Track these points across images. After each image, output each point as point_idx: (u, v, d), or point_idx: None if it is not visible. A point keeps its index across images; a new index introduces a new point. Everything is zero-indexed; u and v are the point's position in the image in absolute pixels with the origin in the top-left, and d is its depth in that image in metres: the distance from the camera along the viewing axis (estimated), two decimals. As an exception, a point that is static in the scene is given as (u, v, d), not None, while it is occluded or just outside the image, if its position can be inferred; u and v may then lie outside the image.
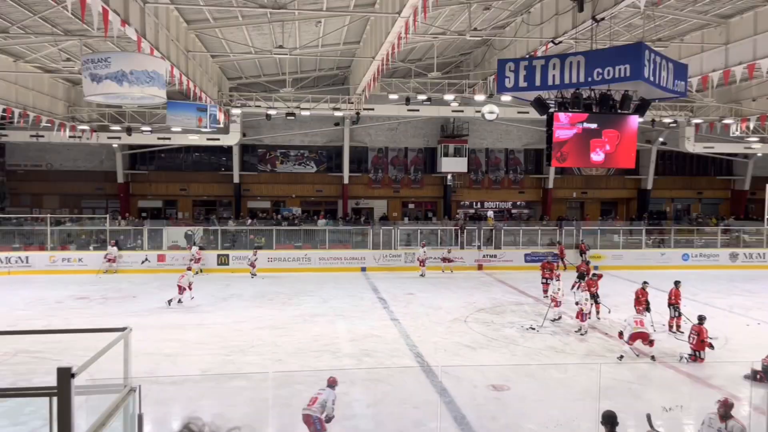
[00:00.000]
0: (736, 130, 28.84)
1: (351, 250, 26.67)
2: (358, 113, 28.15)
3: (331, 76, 29.05)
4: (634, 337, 12.86)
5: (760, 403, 9.26)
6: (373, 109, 28.67)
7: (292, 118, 26.68)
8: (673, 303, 15.62)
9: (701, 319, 13.01)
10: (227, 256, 25.41)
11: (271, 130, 32.81)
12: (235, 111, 27.63)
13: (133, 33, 12.90)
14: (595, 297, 16.56)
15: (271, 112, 26.60)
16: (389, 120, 33.02)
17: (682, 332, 14.89)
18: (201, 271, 24.01)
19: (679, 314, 15.49)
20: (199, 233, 27.73)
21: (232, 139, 30.38)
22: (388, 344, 14.21)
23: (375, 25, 17.93)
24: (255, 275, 23.37)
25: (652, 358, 12.84)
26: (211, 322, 16.27)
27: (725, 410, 6.82)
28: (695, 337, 12.73)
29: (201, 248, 25.48)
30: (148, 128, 27.74)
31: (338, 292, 20.71)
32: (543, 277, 19.93)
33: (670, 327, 15.44)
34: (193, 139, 29.75)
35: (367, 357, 13.17)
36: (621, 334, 13.31)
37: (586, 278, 17.38)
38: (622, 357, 12.94)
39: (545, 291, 19.39)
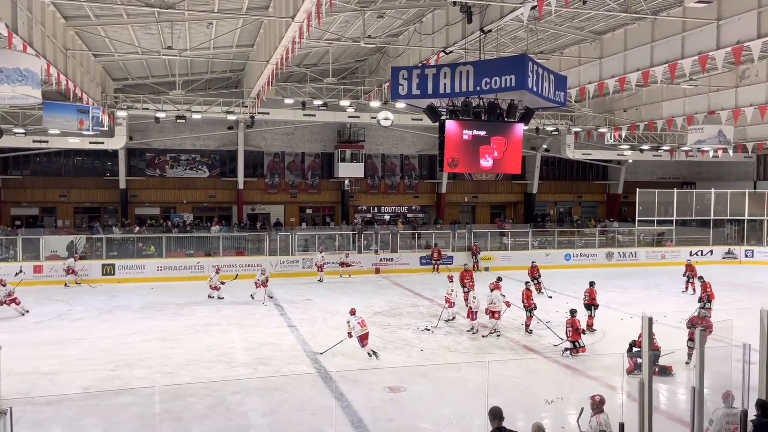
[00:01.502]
0: (610, 138, 31.18)
1: (247, 257, 26.10)
2: (252, 117, 27.65)
3: (224, 79, 28.33)
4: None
5: (632, 390, 10.01)
6: (268, 113, 28.26)
7: (183, 121, 25.76)
8: (588, 303, 16.43)
9: (573, 312, 13.90)
10: (113, 265, 24.05)
11: (161, 133, 31.46)
12: (121, 113, 26.25)
13: (3, 28, 11.95)
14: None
15: (160, 114, 25.52)
16: (285, 124, 32.67)
17: (594, 330, 15.87)
18: (78, 283, 22.60)
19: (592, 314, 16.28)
20: (81, 242, 26.04)
21: (117, 142, 28.75)
22: (284, 351, 14.04)
23: (269, 28, 17.71)
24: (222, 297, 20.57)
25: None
26: (95, 336, 15.33)
27: (597, 405, 7.26)
28: (570, 329, 13.59)
29: (82, 257, 23.98)
30: (22, 130, 25.71)
31: (233, 301, 20.18)
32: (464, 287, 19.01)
33: (589, 327, 15.87)
34: (74, 143, 27.85)
35: (263, 365, 12.94)
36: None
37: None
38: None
39: (466, 299, 18.17)
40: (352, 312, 13.71)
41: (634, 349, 12.19)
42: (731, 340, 6.49)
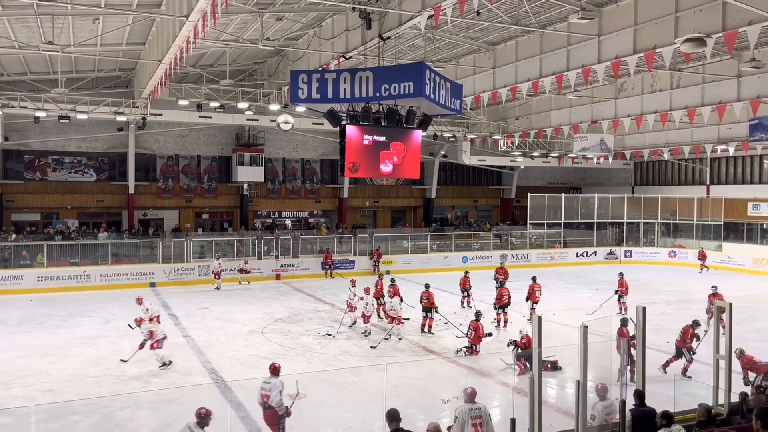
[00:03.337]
0: (504, 145, 32.54)
1: (138, 264, 24.84)
2: (144, 118, 26.35)
3: (113, 78, 26.84)
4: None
5: (523, 386, 10.45)
6: (161, 115, 27.04)
7: (67, 121, 24.12)
8: (499, 303, 17.43)
9: (478, 315, 14.39)
10: (-14, 276, 22.15)
11: (41, 134, 29.32)
12: (-5, 112, 24.22)
13: None
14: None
15: (40, 114, 23.70)
16: (180, 126, 31.41)
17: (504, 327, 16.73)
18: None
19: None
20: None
21: (-10, 143, 26.54)
22: (179, 363, 13.47)
23: (161, 27, 16.97)
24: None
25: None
26: (-36, 355, 14.02)
27: (469, 397, 7.76)
28: (473, 332, 14.05)
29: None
30: None
31: (123, 311, 19.08)
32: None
33: (503, 323, 17.11)
34: (-61, 142, 25.43)
35: (156, 378, 12.35)
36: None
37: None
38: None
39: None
40: None
41: (519, 350, 12.82)
42: (612, 336, 6.93)
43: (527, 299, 18.09)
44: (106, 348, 14.69)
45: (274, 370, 8.89)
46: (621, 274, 19.38)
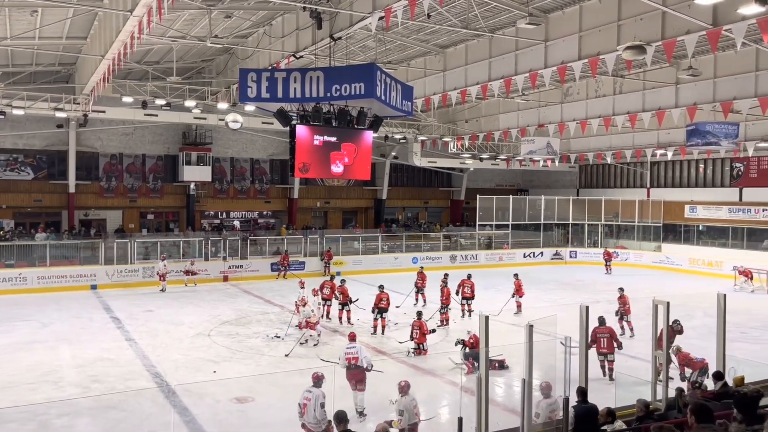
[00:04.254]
0: (454, 147, 32.91)
1: (78, 266, 23.96)
2: (85, 115, 25.48)
3: (52, 73, 25.82)
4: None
5: (471, 386, 10.58)
6: (104, 112, 26.18)
7: (2, 117, 23.09)
8: (444, 302, 17.68)
9: (419, 314, 14.51)
10: None
11: (-26, 130, 27.99)
12: None
13: None
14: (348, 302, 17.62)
15: (-27, 109, 22.65)
16: (124, 124, 30.50)
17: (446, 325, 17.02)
18: None
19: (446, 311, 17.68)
20: None
21: None
22: (121, 367, 13.09)
23: (104, 21, 16.42)
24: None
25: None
26: None
27: (402, 389, 8.48)
28: (417, 331, 14.14)
29: None
30: None
31: (62, 315, 18.46)
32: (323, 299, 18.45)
33: (445, 322, 17.36)
34: None
35: (97, 383, 11.95)
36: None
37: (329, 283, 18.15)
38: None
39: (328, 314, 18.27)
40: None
41: (467, 350, 12.98)
42: (555, 334, 7.09)
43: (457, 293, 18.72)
44: (43, 353, 14.12)
45: (353, 338, 11.30)
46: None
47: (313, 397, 8.07)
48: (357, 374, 10.33)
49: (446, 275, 18.85)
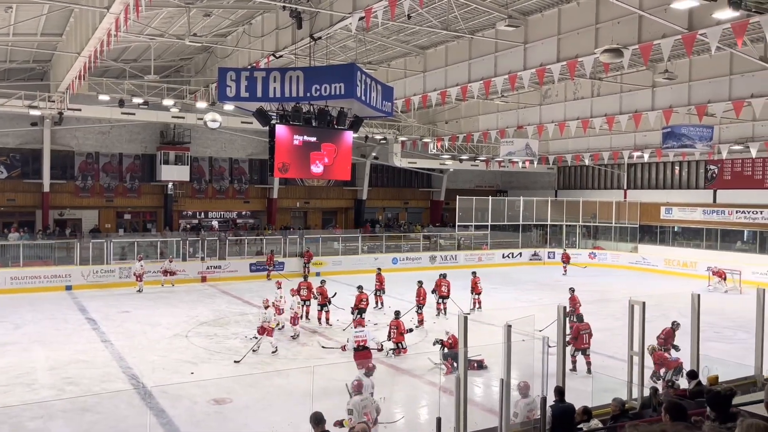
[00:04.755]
0: (434, 148, 33.00)
1: (53, 267, 23.59)
2: (61, 113, 25.09)
3: (27, 70, 25.36)
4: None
5: (450, 386, 10.63)
6: (80, 110, 25.80)
7: (-25, 114, 22.67)
8: (419, 302, 17.71)
9: (397, 314, 14.52)
10: None
11: (-54, 127, 27.40)
12: None
13: None
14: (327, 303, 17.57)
15: (-55, 105, 22.20)
16: (100, 123, 30.07)
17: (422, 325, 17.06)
18: None
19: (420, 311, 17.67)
20: None
21: None
22: (97, 369, 12.90)
23: (80, 18, 16.17)
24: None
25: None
26: None
27: (355, 389, 8.52)
28: (394, 331, 14.16)
29: None
30: None
31: (36, 316, 18.14)
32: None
33: (420, 322, 17.41)
34: None
35: (72, 386, 11.77)
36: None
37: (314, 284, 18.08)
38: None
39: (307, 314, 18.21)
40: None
41: (446, 350, 13.01)
42: (533, 334, 7.14)
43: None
44: (16, 355, 13.87)
45: (362, 323, 13.09)
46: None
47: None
48: (365, 354, 12.09)
49: (421, 281, 18.69)
